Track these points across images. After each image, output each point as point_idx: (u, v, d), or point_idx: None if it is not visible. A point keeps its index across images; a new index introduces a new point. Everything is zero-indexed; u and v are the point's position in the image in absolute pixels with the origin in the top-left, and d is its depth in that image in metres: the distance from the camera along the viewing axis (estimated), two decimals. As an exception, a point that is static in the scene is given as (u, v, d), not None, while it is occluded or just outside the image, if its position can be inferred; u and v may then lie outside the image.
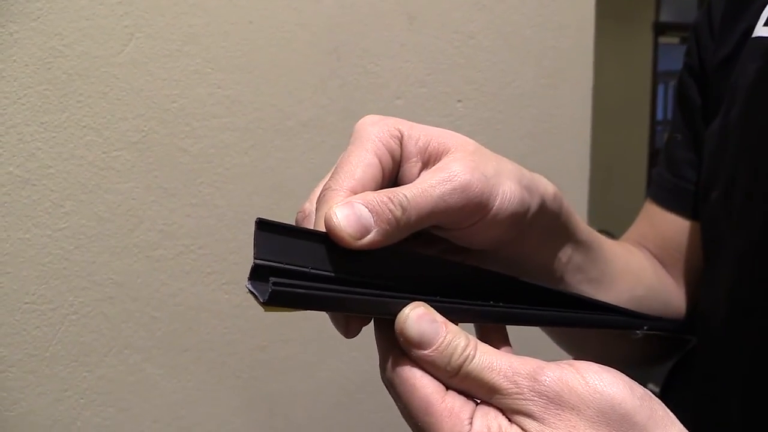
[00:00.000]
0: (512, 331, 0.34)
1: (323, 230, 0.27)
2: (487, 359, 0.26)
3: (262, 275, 0.26)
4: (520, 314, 0.33)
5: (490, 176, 0.30)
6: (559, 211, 0.36)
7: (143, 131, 0.75)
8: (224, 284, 0.80)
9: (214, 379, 0.83)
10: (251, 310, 0.82)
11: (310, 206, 0.30)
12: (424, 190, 0.28)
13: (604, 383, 0.25)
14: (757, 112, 0.43)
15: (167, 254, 0.79)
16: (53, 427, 0.75)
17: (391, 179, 0.31)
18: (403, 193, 0.28)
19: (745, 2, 0.47)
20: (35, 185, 0.71)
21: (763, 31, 0.45)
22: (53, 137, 0.71)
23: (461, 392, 0.27)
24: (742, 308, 0.43)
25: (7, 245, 0.71)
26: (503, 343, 0.31)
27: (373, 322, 0.30)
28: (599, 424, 0.25)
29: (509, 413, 0.26)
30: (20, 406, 0.73)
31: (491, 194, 0.30)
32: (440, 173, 0.29)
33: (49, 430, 0.75)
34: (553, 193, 0.35)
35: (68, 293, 0.74)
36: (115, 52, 0.73)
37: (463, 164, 0.29)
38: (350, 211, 0.27)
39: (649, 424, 0.25)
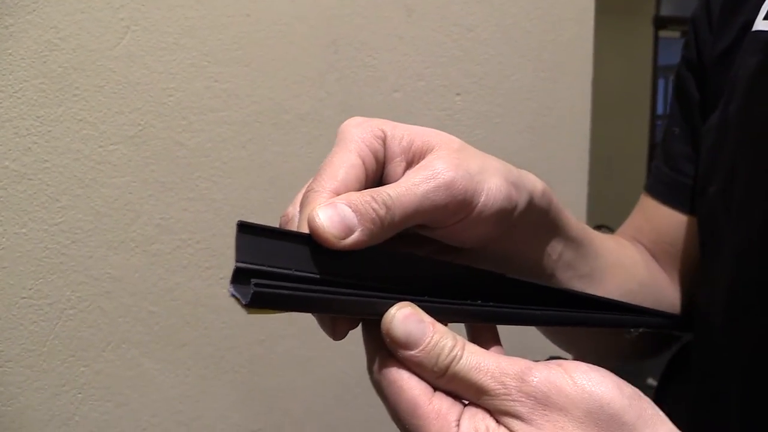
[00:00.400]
0: (505, 330, 0.34)
1: (306, 232, 0.27)
2: (474, 360, 0.26)
3: (244, 278, 0.25)
4: (510, 313, 0.32)
5: (474, 173, 0.30)
6: (548, 207, 0.35)
7: (140, 125, 0.75)
8: (222, 279, 0.80)
9: (212, 373, 0.83)
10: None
11: (293, 210, 0.30)
12: (407, 188, 0.28)
13: (592, 383, 0.25)
14: (756, 105, 0.43)
15: (164, 249, 0.78)
16: (51, 422, 0.75)
17: (375, 179, 0.30)
18: (386, 192, 0.28)
19: None
20: (31, 179, 0.71)
21: (762, 24, 0.45)
22: (49, 131, 0.71)
23: (449, 393, 0.27)
24: (741, 305, 0.43)
25: (3, 240, 0.70)
26: (494, 342, 0.31)
27: (360, 323, 0.29)
28: (587, 424, 0.24)
29: (497, 414, 0.26)
30: (18, 401, 0.73)
31: (476, 191, 0.30)
32: (424, 171, 0.29)
33: (47, 425, 0.75)
34: (541, 189, 0.34)
35: (65, 288, 0.74)
36: (111, 45, 0.72)
37: (446, 162, 0.29)
38: (333, 211, 0.26)
39: (638, 423, 0.25)
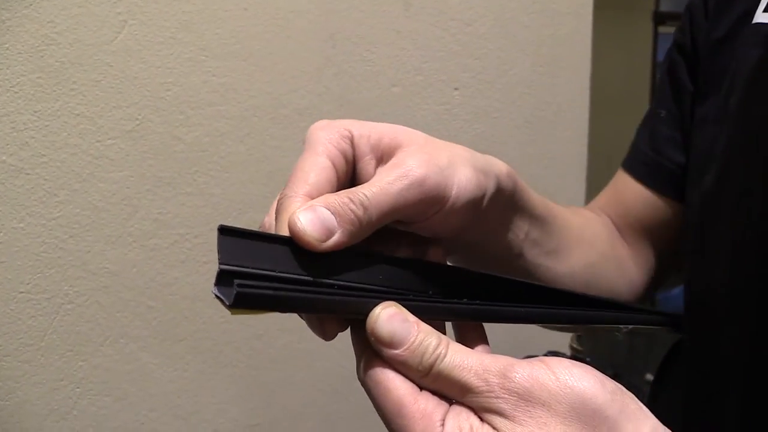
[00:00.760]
0: (505, 324, 0.34)
1: (287, 234, 0.27)
2: (458, 358, 0.26)
3: (227, 280, 0.25)
4: (495, 311, 0.32)
5: (444, 167, 0.30)
6: (513, 188, 0.36)
7: (137, 119, 0.75)
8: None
9: (210, 368, 0.83)
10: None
11: (269, 219, 0.30)
12: (382, 187, 0.28)
13: (574, 378, 0.25)
14: (756, 100, 0.43)
15: (162, 243, 0.78)
16: (49, 416, 0.75)
17: (347, 179, 0.31)
18: (362, 192, 0.28)
19: None
20: (29, 174, 0.71)
21: (763, 17, 0.45)
22: (47, 126, 0.71)
23: (436, 392, 0.27)
24: (741, 301, 0.42)
25: (1, 235, 0.70)
26: (480, 341, 0.31)
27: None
28: (570, 419, 0.25)
29: (481, 412, 0.26)
30: (16, 395, 0.73)
31: (447, 185, 0.30)
32: (396, 169, 0.29)
33: (45, 419, 0.75)
34: (506, 171, 0.35)
35: (63, 283, 0.74)
36: (108, 39, 0.72)
37: (417, 158, 0.30)
38: (313, 214, 0.27)
39: (620, 418, 0.25)
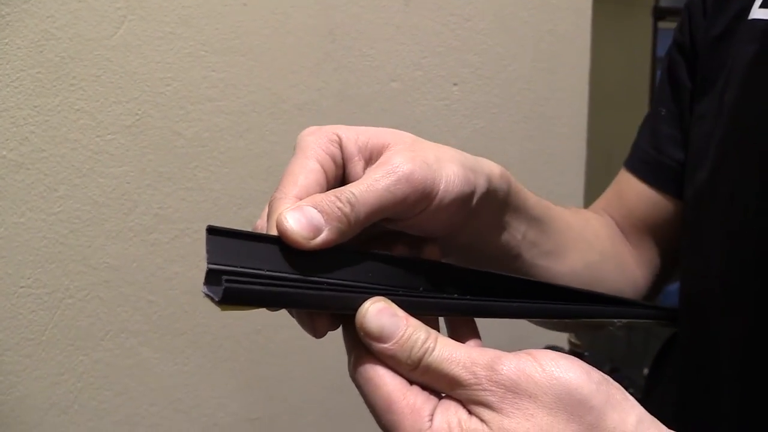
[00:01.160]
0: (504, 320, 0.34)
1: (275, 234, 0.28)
2: (446, 351, 0.27)
3: (217, 279, 0.25)
4: (485, 306, 0.32)
5: (431, 163, 0.31)
6: (507, 189, 0.36)
7: (137, 115, 0.75)
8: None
9: (210, 362, 0.84)
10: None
11: (262, 222, 0.31)
12: (369, 185, 0.29)
13: (560, 370, 0.26)
14: (752, 95, 0.43)
15: (162, 238, 0.79)
16: (50, 410, 0.75)
17: (336, 182, 0.31)
18: (350, 190, 0.29)
19: None
20: (29, 169, 0.71)
21: (759, 13, 0.45)
22: (46, 121, 0.71)
23: (426, 387, 0.27)
24: (734, 294, 0.43)
25: (1, 230, 0.71)
26: (472, 336, 0.31)
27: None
28: (557, 409, 0.25)
29: (469, 404, 0.26)
30: (17, 390, 0.74)
31: (435, 179, 0.30)
32: (383, 167, 0.30)
33: (46, 413, 0.75)
34: (499, 172, 0.35)
35: (64, 277, 0.74)
36: (107, 34, 0.72)
37: (403, 155, 0.30)
38: (300, 213, 0.27)
39: (606, 407, 0.25)
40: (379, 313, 0.27)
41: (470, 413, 0.26)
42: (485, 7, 0.94)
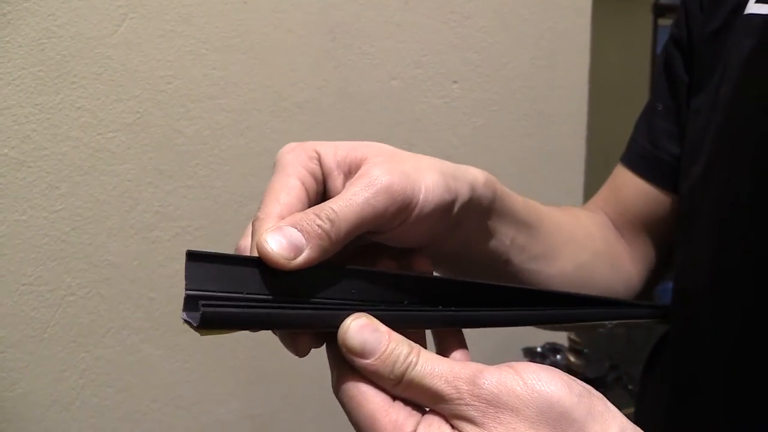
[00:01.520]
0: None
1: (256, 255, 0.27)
2: (429, 366, 0.27)
3: (195, 305, 0.25)
4: (468, 317, 0.32)
5: (410, 173, 0.31)
6: (493, 196, 0.36)
7: (138, 112, 0.75)
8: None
9: (211, 359, 0.84)
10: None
11: (245, 242, 0.31)
12: (348, 199, 0.29)
13: (542, 383, 0.26)
14: (747, 90, 0.43)
15: (164, 235, 0.79)
16: (52, 407, 0.76)
17: (318, 197, 0.31)
18: (329, 206, 0.28)
19: None
20: (31, 167, 0.71)
21: (755, 7, 0.45)
22: (48, 119, 0.71)
23: (410, 402, 0.27)
24: (723, 288, 0.43)
25: (3, 227, 0.71)
26: (459, 347, 0.31)
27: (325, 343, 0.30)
28: (539, 423, 0.25)
29: (452, 419, 0.26)
30: (19, 386, 0.74)
31: (414, 189, 0.30)
32: (362, 180, 0.30)
33: (48, 409, 0.76)
34: (483, 179, 0.35)
35: (65, 275, 0.74)
36: (108, 32, 0.72)
37: (382, 167, 0.30)
38: (280, 234, 0.27)
39: (587, 420, 0.25)
40: (361, 329, 0.27)
41: (453, 428, 0.26)
42: (485, 4, 0.94)
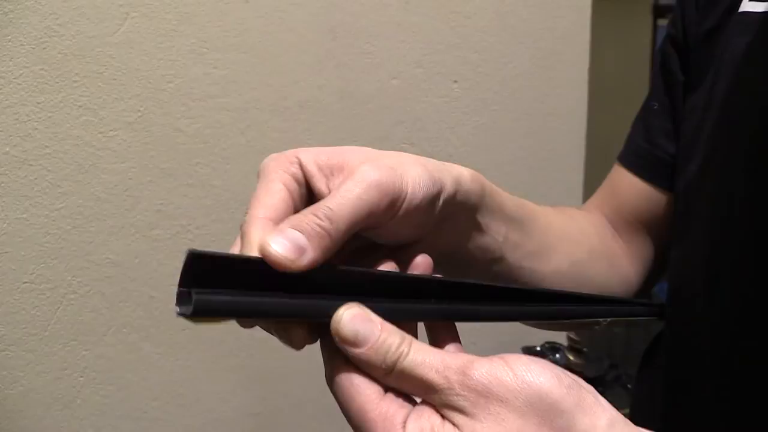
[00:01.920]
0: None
1: (255, 255, 0.28)
2: (420, 356, 0.27)
3: (189, 298, 0.25)
4: (461, 310, 0.32)
5: (395, 168, 0.32)
6: (481, 191, 0.36)
7: (139, 111, 0.75)
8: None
9: (212, 358, 0.84)
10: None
11: (235, 250, 0.31)
12: (342, 196, 0.30)
13: (532, 374, 0.26)
14: (742, 88, 0.43)
15: (164, 234, 0.79)
16: (53, 404, 0.76)
17: (302, 200, 0.32)
18: (325, 205, 0.29)
19: None
20: (32, 165, 0.71)
21: (749, 5, 0.45)
22: (49, 117, 0.71)
23: (401, 393, 0.28)
24: (718, 286, 0.43)
25: (5, 225, 0.71)
26: (451, 340, 0.32)
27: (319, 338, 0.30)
28: (528, 414, 0.25)
29: (442, 409, 0.27)
30: (20, 384, 0.74)
31: (402, 182, 0.31)
32: (352, 178, 0.31)
33: (49, 407, 0.76)
34: (470, 175, 0.35)
35: (66, 273, 0.75)
36: (110, 31, 0.72)
37: (369, 165, 0.31)
38: (282, 236, 0.28)
39: (576, 411, 0.26)
40: (353, 318, 0.27)
41: (443, 418, 0.26)
42: (485, 4, 0.94)
